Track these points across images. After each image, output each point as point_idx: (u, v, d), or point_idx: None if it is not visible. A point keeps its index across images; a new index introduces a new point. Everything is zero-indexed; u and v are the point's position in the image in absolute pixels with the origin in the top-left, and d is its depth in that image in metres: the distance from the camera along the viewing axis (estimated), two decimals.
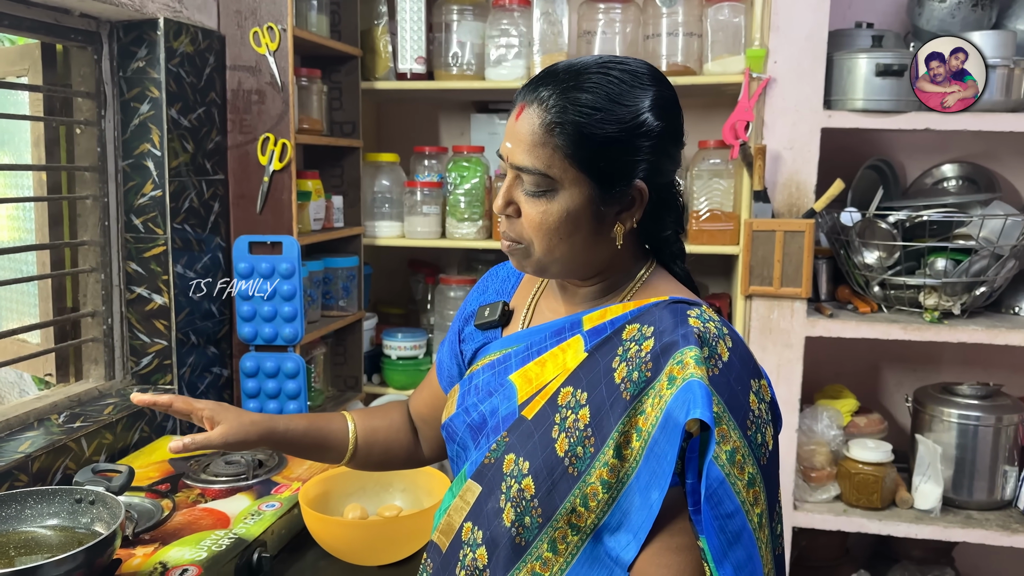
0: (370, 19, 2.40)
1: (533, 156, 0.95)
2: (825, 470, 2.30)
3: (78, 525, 1.25)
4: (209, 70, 1.98)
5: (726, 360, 0.90)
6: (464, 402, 1.10)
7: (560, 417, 0.95)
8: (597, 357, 0.96)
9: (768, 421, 0.93)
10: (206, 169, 1.99)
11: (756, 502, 0.89)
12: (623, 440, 0.90)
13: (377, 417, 1.29)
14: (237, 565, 1.34)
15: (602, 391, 0.93)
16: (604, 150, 0.94)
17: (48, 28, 1.66)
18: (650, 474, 0.88)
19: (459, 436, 1.09)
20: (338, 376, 2.46)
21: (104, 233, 1.86)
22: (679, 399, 0.86)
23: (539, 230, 0.97)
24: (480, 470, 1.01)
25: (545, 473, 0.94)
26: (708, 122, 2.53)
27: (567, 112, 0.93)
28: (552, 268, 1.01)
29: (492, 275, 1.25)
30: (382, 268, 2.80)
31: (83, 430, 1.64)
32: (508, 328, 1.15)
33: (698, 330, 0.90)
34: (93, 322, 1.88)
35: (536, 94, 0.95)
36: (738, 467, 0.87)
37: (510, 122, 0.99)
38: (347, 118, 2.38)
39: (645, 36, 2.32)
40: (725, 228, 2.30)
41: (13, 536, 1.23)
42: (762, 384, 0.95)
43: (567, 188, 0.95)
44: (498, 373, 1.08)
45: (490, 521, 0.98)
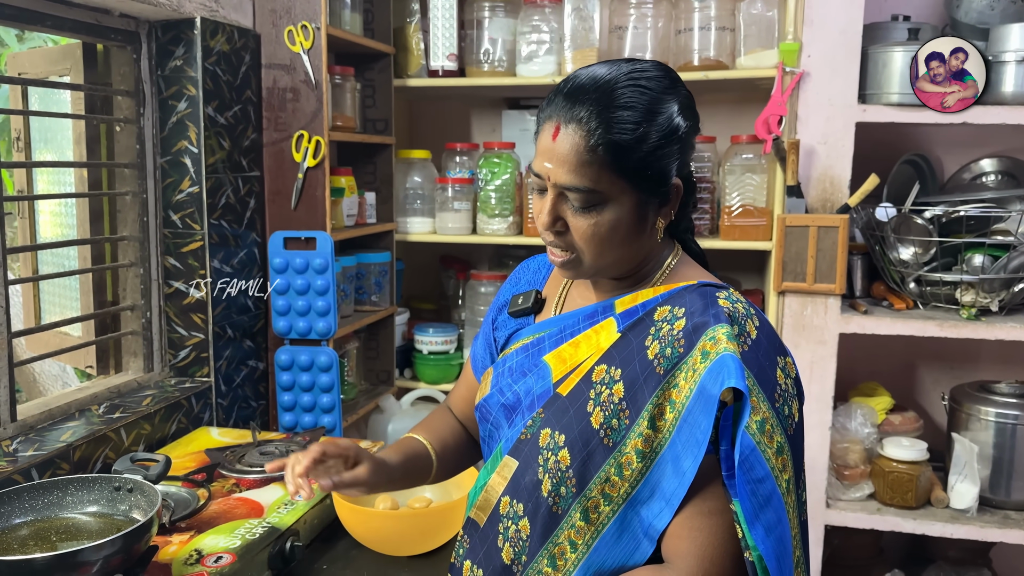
0: (403, 17, 2.43)
1: (579, 175, 0.97)
2: (859, 468, 2.28)
3: (116, 512, 1.29)
4: (245, 68, 2.01)
5: (754, 338, 0.96)
6: (499, 383, 1.14)
7: (595, 392, 1.00)
8: (630, 337, 1.01)
9: (794, 395, 0.98)
10: (242, 166, 2.02)
11: (784, 469, 0.93)
12: (657, 412, 0.95)
13: (440, 427, 1.29)
14: (270, 554, 1.37)
15: (636, 367, 0.98)
16: (649, 160, 0.98)
17: (88, 28, 1.70)
18: (683, 444, 0.93)
19: (492, 415, 1.13)
20: (371, 370, 2.49)
21: (143, 229, 1.90)
22: (713, 371, 0.91)
23: (591, 241, 1.01)
24: (516, 446, 1.05)
25: (580, 445, 0.98)
26: (741, 117, 2.51)
27: (611, 131, 0.96)
28: (601, 272, 1.06)
29: (524, 267, 1.30)
30: (414, 264, 2.83)
31: (122, 420, 1.68)
32: (540, 315, 1.19)
33: (728, 310, 0.96)
34: (132, 315, 1.92)
35: (572, 113, 0.97)
36: (767, 436, 0.92)
37: (545, 142, 1.00)
38: (380, 115, 2.40)
39: (677, 31, 2.31)
40: (758, 223, 2.28)
41: (55, 522, 1.27)
42: (787, 361, 1.00)
43: (615, 198, 0.99)
44: (532, 355, 1.12)
45: (530, 494, 1.02)
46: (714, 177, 2.39)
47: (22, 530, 1.23)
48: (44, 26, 1.60)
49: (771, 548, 0.90)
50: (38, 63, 2.00)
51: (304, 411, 2.11)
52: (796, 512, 0.96)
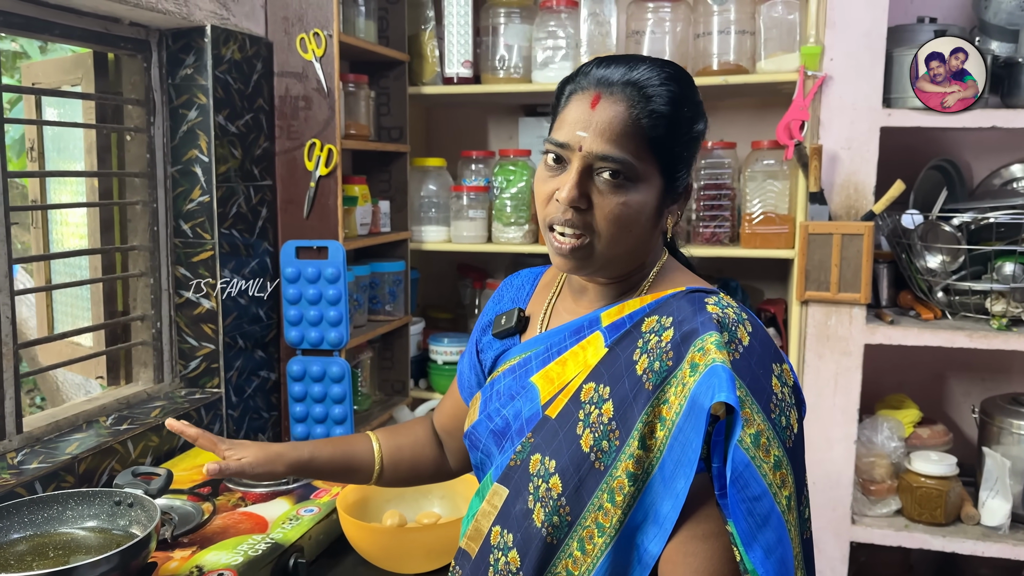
0: (417, 24, 2.40)
1: (619, 145, 0.94)
2: (885, 483, 2.21)
3: (116, 527, 1.27)
4: (257, 76, 2.00)
5: (747, 345, 0.90)
6: (486, 408, 1.09)
7: (584, 413, 0.95)
8: (618, 351, 0.96)
9: (792, 404, 0.92)
10: (254, 175, 2.01)
11: (783, 484, 0.88)
12: (647, 431, 0.89)
13: (401, 435, 1.28)
14: (273, 570, 1.34)
15: (625, 384, 0.93)
16: (682, 146, 0.97)
17: (98, 37, 1.69)
18: (675, 463, 0.88)
19: (482, 443, 1.08)
20: (385, 380, 2.46)
21: (153, 238, 1.89)
22: (703, 384, 0.86)
23: (615, 222, 0.96)
24: (506, 473, 1.00)
25: (572, 470, 0.93)
26: (762, 122, 2.46)
27: (656, 102, 0.94)
28: (608, 265, 1.00)
29: (507, 284, 1.25)
30: (431, 273, 2.80)
31: (129, 432, 1.66)
32: (526, 334, 1.15)
33: (717, 316, 0.91)
34: (143, 326, 1.91)
35: (615, 85, 0.95)
36: (763, 450, 0.87)
37: (579, 111, 0.96)
38: (395, 123, 2.38)
39: (696, 35, 2.27)
40: (780, 231, 2.22)
41: (54, 537, 1.25)
42: (784, 368, 0.94)
43: (645, 181, 0.96)
44: (519, 377, 1.07)
45: (519, 523, 0.97)
46: (734, 184, 2.34)
47: (20, 545, 1.21)
48: (53, 35, 1.60)
49: (772, 571, 0.85)
50: (51, 73, 2.00)
51: (316, 422, 2.08)
52: (798, 530, 0.90)
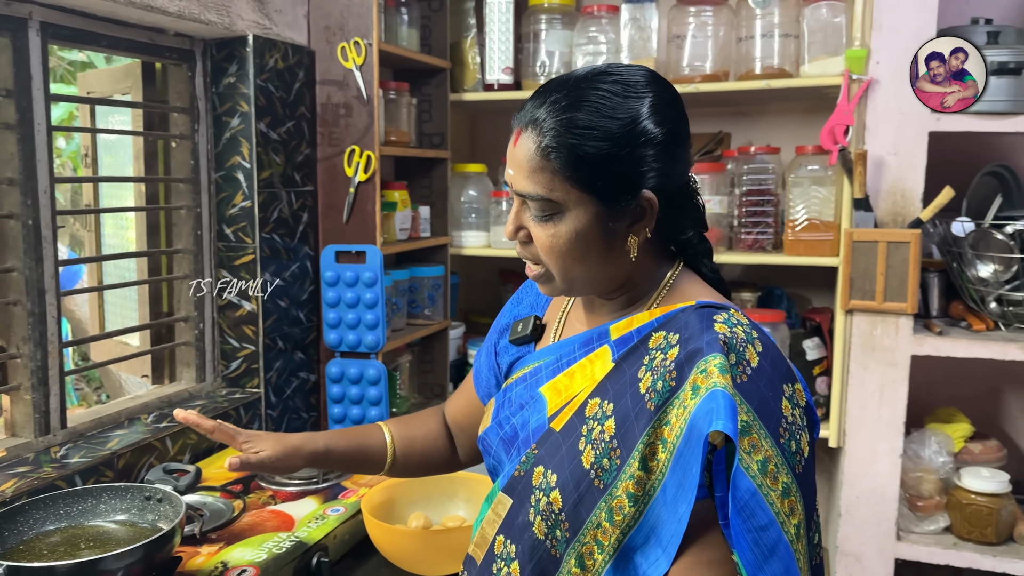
0: (459, 32, 2.43)
1: (533, 182, 0.93)
2: (933, 499, 2.14)
3: (144, 521, 1.31)
4: (299, 85, 2.04)
5: (755, 366, 0.87)
6: (498, 415, 1.09)
7: (587, 428, 0.93)
8: (624, 367, 0.94)
9: (803, 427, 0.89)
10: (295, 181, 2.05)
11: (792, 512, 0.85)
12: (649, 452, 0.87)
13: (414, 426, 1.30)
14: (296, 568, 1.37)
15: (627, 402, 0.91)
16: (603, 168, 0.91)
17: (144, 47, 1.76)
18: (677, 486, 0.85)
19: (493, 449, 1.08)
20: (424, 384, 2.48)
21: (197, 242, 1.95)
22: (702, 409, 0.83)
23: (551, 253, 0.95)
24: (511, 483, 1.00)
25: (572, 486, 0.92)
26: (807, 127, 2.41)
27: (560, 135, 0.90)
28: (575, 288, 1.00)
29: (527, 287, 1.24)
30: (474, 278, 2.82)
31: (168, 430, 1.71)
32: (541, 341, 1.14)
33: (724, 336, 0.87)
34: (186, 326, 1.97)
35: (530, 117, 0.94)
36: (771, 477, 0.84)
37: (509, 147, 0.97)
38: (436, 130, 2.41)
39: (738, 39, 2.24)
40: (824, 238, 2.17)
41: (87, 529, 1.30)
42: (796, 388, 0.91)
43: (572, 209, 0.93)
44: (530, 386, 1.06)
45: (520, 534, 0.96)
46: (778, 190, 2.29)
47: (54, 536, 1.26)
48: (101, 46, 1.66)
49: None
50: (104, 82, 2.08)
51: (353, 424, 2.11)
52: (807, 557, 0.87)
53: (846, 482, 2.14)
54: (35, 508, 1.27)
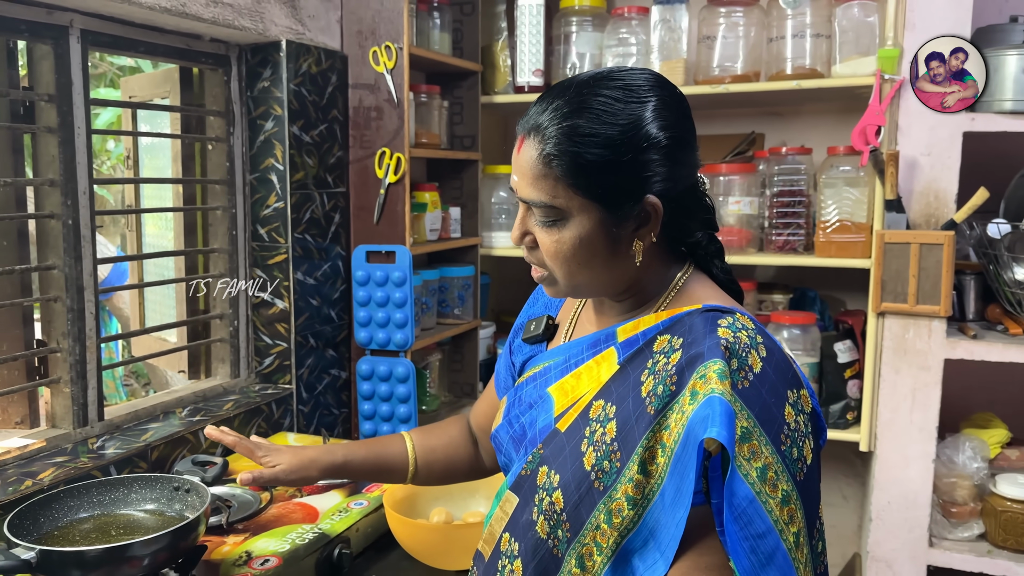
0: (491, 35, 2.46)
1: (537, 189, 0.94)
2: (968, 506, 2.10)
3: (171, 510, 1.36)
4: (332, 88, 2.09)
5: (758, 371, 0.87)
6: (509, 413, 1.11)
7: (590, 430, 0.94)
8: (628, 370, 0.95)
9: (807, 434, 0.88)
10: (327, 182, 2.10)
11: (792, 520, 0.84)
12: (648, 455, 0.87)
13: (436, 435, 1.32)
14: (318, 559, 1.40)
15: (629, 405, 0.91)
16: (605, 175, 0.91)
17: (181, 53, 1.81)
18: (675, 491, 0.85)
19: (504, 447, 1.10)
20: (454, 382, 2.51)
21: (232, 242, 2.00)
22: (699, 415, 0.83)
23: (556, 259, 0.96)
24: (518, 481, 1.01)
25: (573, 487, 0.93)
26: (839, 127, 2.38)
27: (562, 143, 0.91)
28: (580, 291, 1.01)
29: (542, 288, 1.24)
30: (504, 278, 2.84)
31: (201, 424, 1.77)
32: (553, 341, 1.15)
33: (726, 341, 0.87)
34: (221, 324, 2.02)
35: (533, 124, 0.94)
36: (770, 484, 0.83)
37: (513, 155, 0.98)
38: (467, 132, 2.44)
39: (769, 39, 2.23)
40: (856, 240, 2.15)
41: (119, 517, 1.35)
42: (801, 395, 0.90)
43: (576, 215, 0.93)
44: (539, 385, 1.08)
45: (524, 533, 0.98)
46: (809, 191, 2.28)
47: (87, 523, 1.32)
48: (138, 52, 1.73)
49: None
50: (145, 87, 2.15)
51: (383, 420, 2.15)
52: (810, 567, 0.87)
53: (877, 487, 2.11)
54: (70, 496, 1.32)
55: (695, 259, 1.05)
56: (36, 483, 1.41)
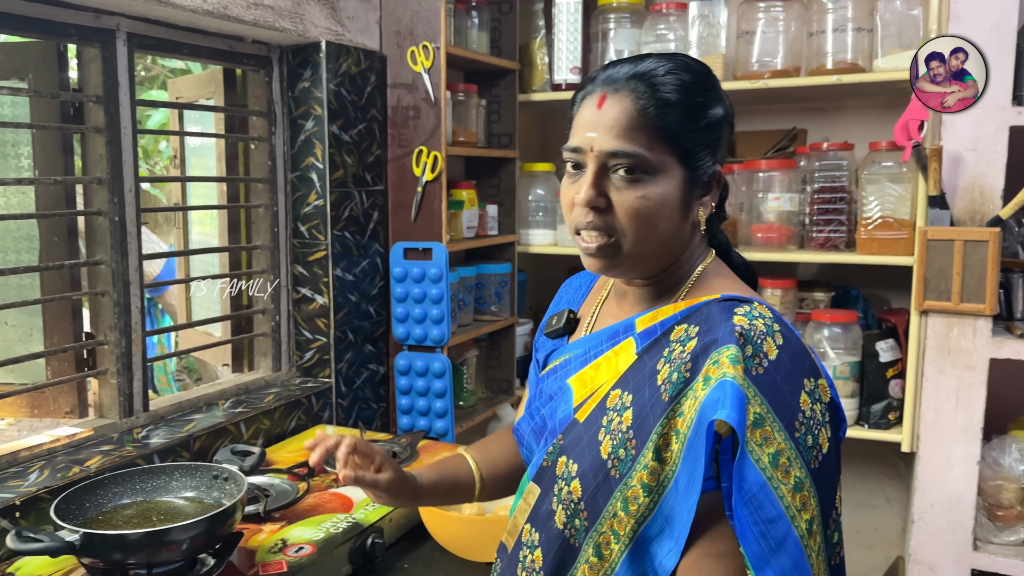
0: (528, 33, 2.47)
1: (629, 139, 0.93)
2: (1015, 509, 2.05)
3: (209, 498, 1.40)
4: (371, 88, 2.12)
5: (773, 358, 0.87)
6: (530, 406, 1.12)
7: (607, 419, 0.95)
8: (645, 359, 0.95)
9: (823, 423, 0.88)
10: (366, 180, 2.13)
11: (804, 507, 0.84)
12: (662, 443, 0.88)
13: (493, 448, 1.29)
14: (351, 548, 1.43)
15: (645, 393, 0.92)
16: (696, 133, 0.95)
17: (223, 55, 1.86)
18: (688, 477, 0.86)
19: (526, 439, 1.11)
20: (491, 379, 2.53)
21: (274, 239, 2.05)
22: (710, 398, 0.84)
23: (636, 217, 0.94)
24: (539, 472, 1.03)
25: (591, 476, 0.94)
26: (881, 122, 2.34)
27: (661, 91, 0.94)
28: (637, 263, 0.99)
29: (567, 285, 1.26)
30: (543, 275, 2.85)
31: (243, 415, 1.81)
32: (575, 335, 1.16)
33: (741, 328, 0.88)
34: (264, 318, 2.07)
35: (619, 83, 0.95)
36: (782, 470, 0.84)
37: (587, 114, 0.97)
38: (504, 130, 2.45)
39: (809, 33, 2.20)
40: (898, 237, 2.11)
41: (159, 504, 1.39)
42: (819, 384, 0.90)
43: (662, 172, 0.94)
44: (559, 377, 1.09)
45: (544, 523, 0.99)
46: (851, 187, 2.24)
47: (129, 509, 1.36)
48: (183, 54, 1.78)
49: None
50: (191, 88, 2.21)
51: (420, 415, 2.18)
52: (823, 556, 0.87)
53: (920, 488, 2.07)
54: (114, 483, 1.37)
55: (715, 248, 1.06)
56: (83, 470, 1.47)
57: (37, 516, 1.38)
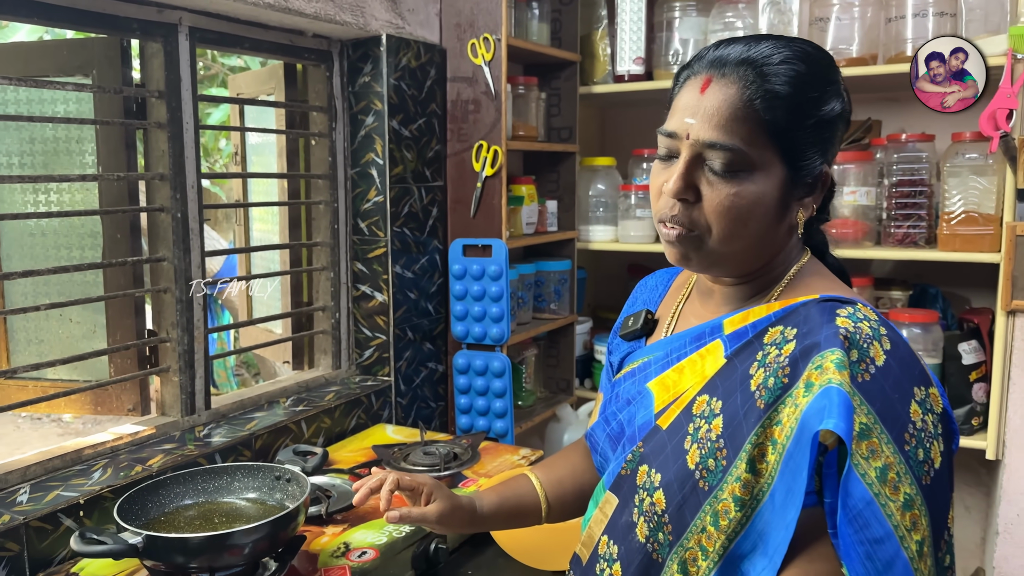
0: (590, 24, 2.41)
1: (729, 131, 0.86)
2: None
3: (272, 500, 1.37)
4: (430, 82, 2.09)
5: (880, 364, 0.80)
6: (605, 411, 1.07)
7: (694, 427, 0.89)
8: (736, 363, 0.89)
9: (935, 435, 0.81)
10: (425, 176, 2.10)
11: (915, 527, 0.77)
12: (757, 453, 0.82)
13: (558, 466, 1.22)
14: (414, 554, 1.40)
15: (737, 399, 0.85)
16: (806, 130, 0.87)
17: (284, 49, 1.84)
18: (786, 491, 0.79)
19: (600, 446, 1.06)
20: (550, 378, 2.48)
21: (334, 235, 2.03)
22: (814, 406, 0.77)
23: (726, 215, 0.88)
24: (617, 481, 0.97)
25: (676, 487, 0.88)
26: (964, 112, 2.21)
27: (772, 82, 0.86)
28: (721, 262, 0.93)
29: (642, 285, 1.20)
30: (602, 272, 2.79)
31: (304, 414, 1.79)
32: (653, 337, 1.09)
33: (845, 330, 0.81)
34: (324, 316, 2.05)
35: (727, 67, 0.87)
36: (891, 486, 0.77)
37: (688, 97, 0.89)
38: (564, 123, 2.40)
39: (888, 19, 2.10)
40: (984, 232, 2.00)
41: (221, 505, 1.37)
42: (930, 393, 0.82)
43: (762, 169, 0.87)
44: (638, 381, 1.03)
45: (624, 535, 0.94)
46: (931, 180, 2.13)
47: (191, 510, 1.35)
48: (244, 48, 1.76)
49: None
50: (252, 84, 2.20)
51: (479, 415, 2.14)
52: None
53: (1005, 498, 1.96)
54: (176, 483, 1.36)
55: (812, 247, 0.99)
56: (145, 469, 1.46)
57: (100, 515, 1.37)
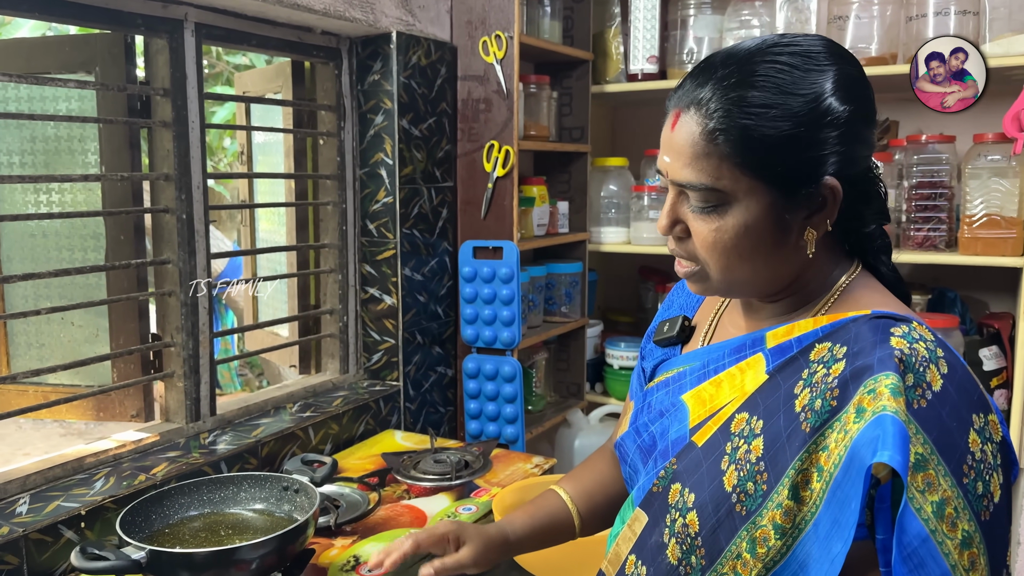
0: (603, 21, 2.36)
1: (696, 169, 0.82)
2: None
3: (280, 511, 1.33)
4: (441, 81, 2.04)
5: (938, 390, 0.75)
6: (636, 421, 1.01)
7: (731, 446, 0.84)
8: (779, 380, 0.83)
9: (994, 467, 0.75)
10: (435, 176, 2.05)
11: (973, 567, 0.72)
12: (801, 480, 0.77)
13: (586, 477, 1.18)
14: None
15: (780, 420, 0.80)
16: (781, 151, 0.80)
17: (292, 46, 1.80)
18: (832, 522, 0.74)
19: (630, 457, 1.01)
20: (560, 382, 2.44)
21: (342, 237, 1.98)
22: (866, 435, 0.72)
23: (713, 250, 0.85)
24: (647, 498, 0.92)
25: (711, 509, 0.83)
26: (987, 112, 2.17)
27: (732, 115, 0.80)
28: (734, 289, 0.89)
29: (678, 288, 1.15)
30: (613, 274, 2.74)
31: (311, 420, 1.75)
32: (689, 345, 1.04)
33: (901, 352, 0.75)
34: (331, 319, 2.01)
35: (693, 96, 0.83)
36: (948, 523, 0.71)
37: (665, 132, 0.87)
38: (576, 123, 2.35)
39: (908, 17, 2.05)
40: (1006, 236, 1.96)
41: (228, 516, 1.33)
42: (990, 420, 0.77)
43: (741, 199, 0.82)
44: (672, 392, 0.98)
45: (653, 557, 0.89)
46: (952, 182, 2.09)
47: (196, 522, 1.30)
48: (251, 45, 1.72)
49: None
50: (258, 82, 2.16)
51: (489, 420, 2.10)
52: None
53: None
54: (181, 493, 1.32)
55: (862, 258, 0.92)
56: (149, 478, 1.42)
57: (102, 526, 1.33)
